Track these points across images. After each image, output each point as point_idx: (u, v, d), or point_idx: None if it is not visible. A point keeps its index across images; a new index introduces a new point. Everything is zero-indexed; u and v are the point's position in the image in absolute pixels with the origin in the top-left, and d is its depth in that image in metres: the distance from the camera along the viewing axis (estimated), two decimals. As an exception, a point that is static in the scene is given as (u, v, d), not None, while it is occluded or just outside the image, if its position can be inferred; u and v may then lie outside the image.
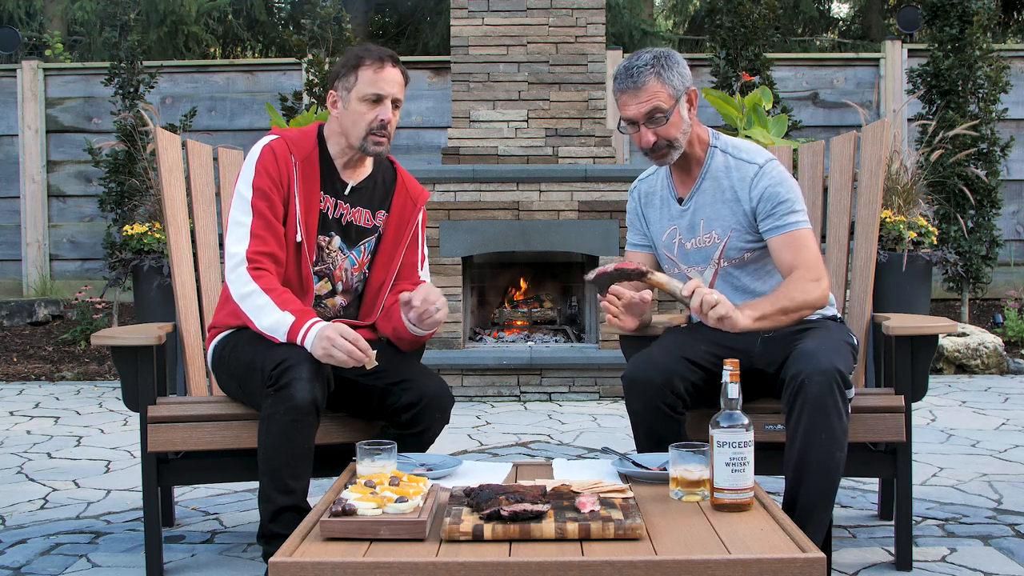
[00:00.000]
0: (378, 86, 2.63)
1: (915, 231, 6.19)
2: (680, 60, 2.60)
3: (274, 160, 2.63)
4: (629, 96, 2.56)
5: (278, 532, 2.44)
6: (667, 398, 2.50)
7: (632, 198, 2.86)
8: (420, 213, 2.85)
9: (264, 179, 2.61)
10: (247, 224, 2.59)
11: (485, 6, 6.18)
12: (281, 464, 2.44)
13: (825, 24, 14.22)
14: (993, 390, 5.67)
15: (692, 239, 2.70)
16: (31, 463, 4.12)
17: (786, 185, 2.61)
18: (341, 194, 2.72)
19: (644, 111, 2.55)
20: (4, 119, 8.38)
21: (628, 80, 2.56)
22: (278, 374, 2.43)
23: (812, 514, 2.37)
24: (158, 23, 10.94)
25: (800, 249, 2.56)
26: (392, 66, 2.66)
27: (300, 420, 2.41)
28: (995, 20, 7.43)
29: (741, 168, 2.64)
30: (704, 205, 2.67)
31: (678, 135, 2.59)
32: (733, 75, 7.11)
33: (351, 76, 2.65)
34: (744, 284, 2.68)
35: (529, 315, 6.25)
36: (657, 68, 2.55)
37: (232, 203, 2.64)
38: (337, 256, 2.74)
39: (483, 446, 4.37)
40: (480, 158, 6.02)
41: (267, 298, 2.52)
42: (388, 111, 2.64)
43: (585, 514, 1.94)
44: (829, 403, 2.33)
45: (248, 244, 2.58)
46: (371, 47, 2.69)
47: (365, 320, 2.82)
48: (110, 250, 6.87)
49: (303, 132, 2.74)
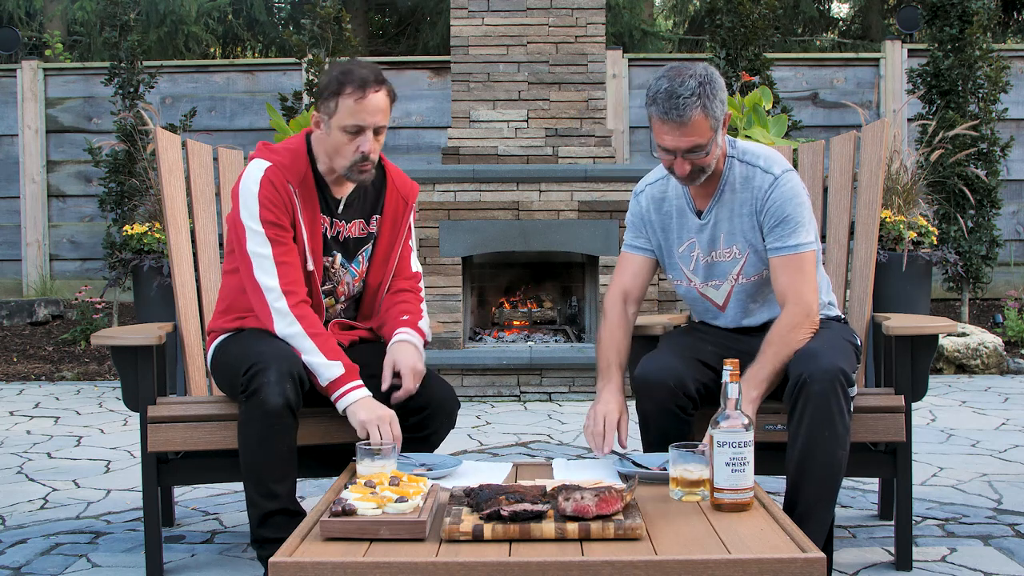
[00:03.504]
0: (359, 117, 2.53)
1: (915, 231, 6.19)
2: (721, 84, 2.48)
3: (275, 191, 2.58)
4: (672, 128, 2.44)
5: (269, 536, 2.45)
6: (679, 399, 2.50)
7: (637, 201, 2.77)
8: (412, 209, 2.82)
9: (269, 212, 2.57)
10: (269, 255, 2.56)
11: (485, 6, 6.18)
12: (263, 470, 2.45)
13: (825, 24, 14.22)
14: (993, 390, 5.67)
15: (712, 253, 2.64)
16: (31, 463, 4.12)
17: (794, 203, 2.54)
18: (335, 212, 2.69)
19: (684, 147, 2.46)
20: (4, 119, 8.38)
21: (673, 111, 2.42)
22: (247, 380, 2.43)
23: (814, 513, 2.37)
24: (158, 23, 10.93)
25: (795, 275, 2.52)
26: (375, 91, 2.54)
27: (275, 424, 2.41)
28: (995, 20, 7.42)
29: (757, 177, 2.58)
30: (723, 219, 2.61)
31: (712, 162, 2.53)
32: (733, 75, 7.11)
33: (332, 102, 2.55)
34: (754, 299, 2.66)
35: (529, 315, 6.25)
36: (703, 100, 2.42)
37: (244, 235, 2.59)
38: (340, 272, 2.73)
39: (483, 446, 4.37)
40: (480, 158, 6.02)
41: (311, 343, 2.51)
42: (369, 142, 2.56)
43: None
44: (832, 402, 2.33)
45: (278, 275, 2.55)
46: (354, 69, 2.56)
47: (364, 322, 2.82)
48: (110, 250, 6.86)
49: (293, 152, 2.65)
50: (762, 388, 2.41)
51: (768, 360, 2.44)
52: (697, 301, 2.74)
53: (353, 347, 2.76)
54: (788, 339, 2.46)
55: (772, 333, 2.49)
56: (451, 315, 5.64)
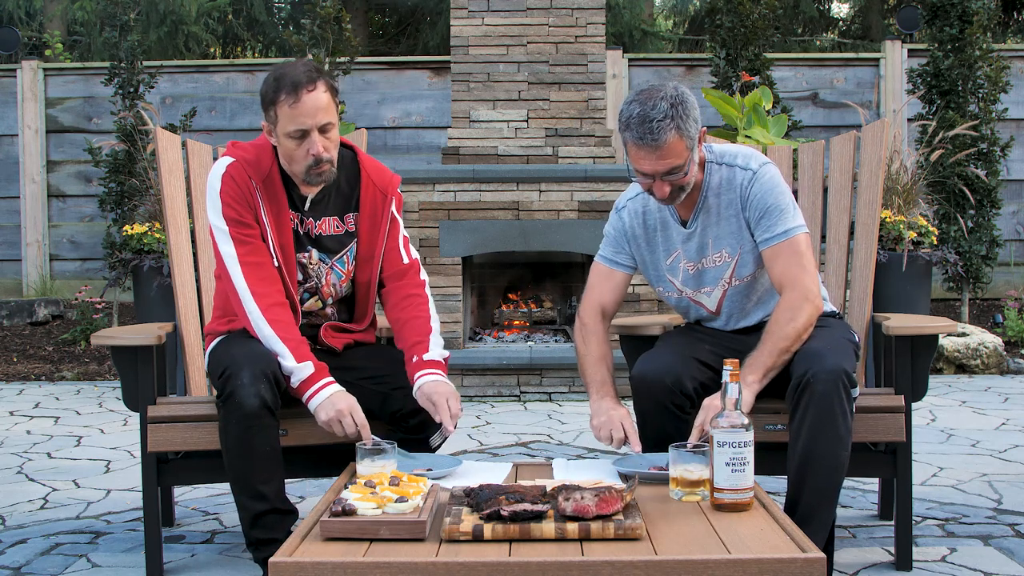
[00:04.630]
0: (298, 121, 2.47)
1: (915, 231, 6.19)
2: (692, 102, 2.47)
3: (235, 186, 2.56)
4: (647, 152, 2.43)
5: (263, 537, 2.45)
6: (676, 398, 2.49)
7: (620, 217, 2.75)
8: (393, 201, 2.74)
9: (232, 209, 2.55)
10: (234, 255, 2.55)
11: (485, 6, 6.18)
12: (247, 472, 2.45)
13: (825, 24, 14.22)
14: (993, 390, 5.67)
15: (702, 260, 2.64)
16: (31, 463, 4.12)
17: (776, 192, 2.55)
18: (302, 209, 2.65)
19: (663, 170, 2.45)
20: (4, 119, 8.38)
21: (647, 136, 2.41)
22: (222, 383, 2.44)
23: (815, 513, 2.37)
24: (158, 23, 10.93)
25: (789, 260, 2.51)
26: (309, 91, 2.46)
27: (253, 426, 2.41)
28: (995, 20, 7.42)
29: (737, 176, 2.58)
30: (710, 224, 2.61)
31: (691, 180, 2.52)
32: (733, 75, 7.11)
33: (271, 111, 2.50)
34: (748, 298, 2.66)
35: (529, 315, 6.25)
36: (676, 121, 2.41)
37: (213, 234, 2.59)
38: (320, 268, 2.68)
39: (483, 446, 4.37)
40: (480, 158, 6.02)
41: (284, 347, 2.49)
42: (316, 144, 2.49)
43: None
44: (835, 402, 2.33)
45: (245, 277, 2.53)
46: (286, 72, 2.50)
47: (360, 324, 2.79)
48: (110, 250, 6.86)
49: (258, 148, 2.61)
50: (759, 373, 2.39)
51: (767, 347, 2.43)
52: (690, 308, 2.74)
53: (348, 350, 2.75)
54: (788, 323, 2.44)
55: (772, 320, 2.48)
56: (451, 315, 5.64)
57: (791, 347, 2.44)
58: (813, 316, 2.48)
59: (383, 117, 8.33)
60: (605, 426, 2.52)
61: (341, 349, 2.73)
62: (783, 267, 2.52)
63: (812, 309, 2.48)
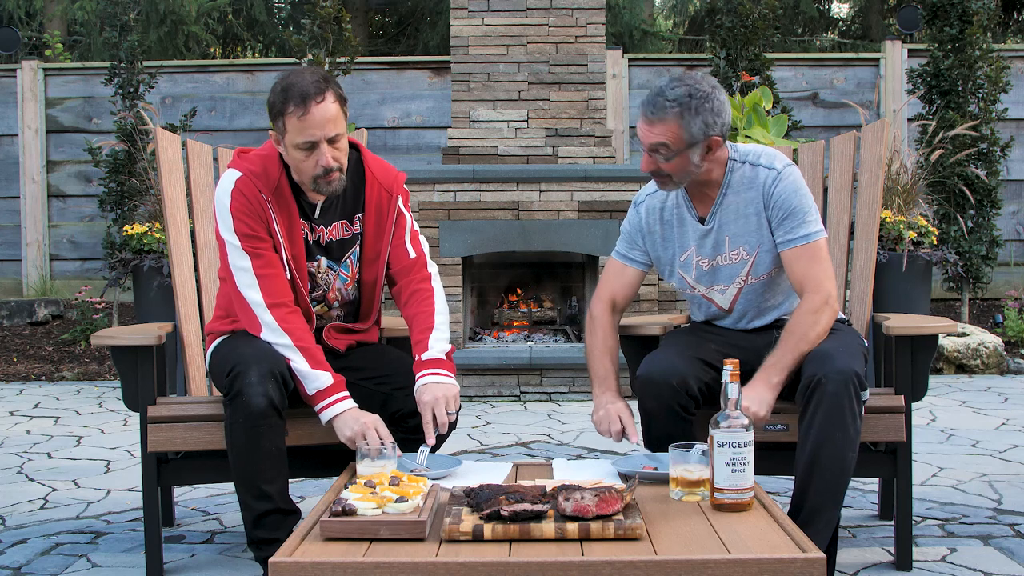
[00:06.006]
0: (307, 133, 2.46)
1: (915, 231, 6.19)
2: (715, 106, 2.48)
3: (246, 202, 2.55)
4: (643, 120, 2.51)
5: (265, 537, 2.45)
6: (681, 399, 2.50)
7: (637, 212, 2.76)
8: (399, 199, 2.74)
9: (243, 224, 2.55)
10: (249, 268, 2.55)
11: (485, 6, 6.18)
12: (252, 471, 2.44)
13: (825, 24, 14.23)
14: (993, 390, 5.67)
15: (717, 258, 2.64)
16: (31, 463, 4.12)
17: (800, 194, 2.56)
18: (313, 217, 2.64)
19: (650, 143, 2.50)
20: (4, 119, 8.38)
21: (649, 106, 2.48)
22: (229, 382, 2.43)
23: (821, 513, 2.38)
24: (158, 23, 10.93)
25: (810, 263, 2.53)
26: (318, 103, 2.45)
27: (260, 425, 2.40)
28: (995, 20, 7.42)
29: (760, 174, 2.59)
30: (728, 221, 2.61)
31: (680, 174, 2.54)
32: (733, 75, 7.11)
33: (279, 122, 2.49)
34: (765, 298, 2.67)
35: (529, 315, 6.25)
36: (683, 108, 2.45)
37: (225, 249, 2.58)
38: (328, 275, 2.68)
39: (483, 446, 4.37)
40: (480, 158, 6.02)
41: (299, 355, 2.49)
42: (326, 155, 2.48)
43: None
44: (845, 404, 2.34)
45: (261, 289, 2.54)
46: (294, 82, 2.47)
47: (365, 323, 2.79)
48: (110, 250, 6.86)
49: (264, 159, 2.60)
50: (783, 374, 2.43)
51: (789, 347, 2.45)
52: (702, 304, 2.75)
53: (351, 352, 2.75)
54: (809, 325, 2.47)
55: (793, 321, 2.50)
56: (451, 315, 5.63)
57: (812, 346, 2.46)
58: (832, 320, 2.51)
59: (383, 117, 8.33)
60: (604, 420, 2.59)
61: (344, 350, 2.73)
62: (804, 269, 2.54)
63: (832, 313, 2.51)
